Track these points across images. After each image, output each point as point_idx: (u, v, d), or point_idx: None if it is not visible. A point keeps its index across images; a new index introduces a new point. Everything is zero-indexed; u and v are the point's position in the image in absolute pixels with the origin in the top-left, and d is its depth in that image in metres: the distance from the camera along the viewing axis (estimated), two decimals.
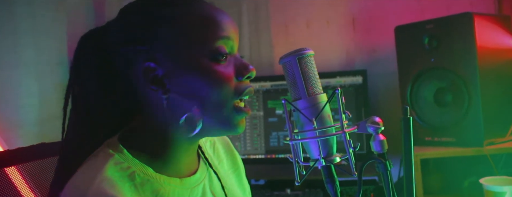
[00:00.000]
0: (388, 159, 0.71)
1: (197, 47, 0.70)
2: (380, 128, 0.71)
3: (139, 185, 0.70)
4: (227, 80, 0.71)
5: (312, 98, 0.69)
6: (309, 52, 0.71)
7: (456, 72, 1.46)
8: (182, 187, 0.75)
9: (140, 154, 0.73)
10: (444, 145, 1.49)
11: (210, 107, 0.71)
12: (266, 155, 1.81)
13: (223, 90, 0.70)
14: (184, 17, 0.71)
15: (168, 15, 0.70)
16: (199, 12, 0.71)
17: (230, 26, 0.73)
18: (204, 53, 0.70)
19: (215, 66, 0.70)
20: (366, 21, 2.00)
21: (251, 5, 2.10)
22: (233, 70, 0.73)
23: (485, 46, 1.45)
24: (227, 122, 0.72)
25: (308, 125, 0.68)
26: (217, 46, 0.70)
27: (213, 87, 0.70)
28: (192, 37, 0.70)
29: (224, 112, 0.71)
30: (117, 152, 0.71)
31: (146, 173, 0.71)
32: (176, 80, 0.70)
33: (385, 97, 1.90)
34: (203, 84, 0.70)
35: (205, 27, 0.70)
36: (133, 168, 0.71)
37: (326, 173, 0.70)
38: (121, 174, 0.69)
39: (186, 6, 0.71)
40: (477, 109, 1.41)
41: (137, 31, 0.71)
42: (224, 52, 0.71)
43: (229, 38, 0.72)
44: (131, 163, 0.71)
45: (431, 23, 1.53)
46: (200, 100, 0.70)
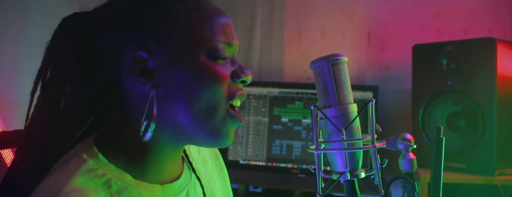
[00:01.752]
0: (416, 180, 0.67)
1: (196, 42, 0.64)
2: (412, 145, 0.67)
3: (116, 194, 0.62)
4: (222, 79, 0.64)
5: (343, 107, 0.65)
6: (343, 58, 0.67)
7: (473, 98, 1.43)
8: (163, 195, 0.68)
9: (117, 159, 0.65)
10: (454, 171, 1.45)
11: (200, 110, 0.64)
12: (267, 163, 1.77)
13: (217, 90, 0.64)
14: (185, 10, 0.65)
15: (169, 5, 0.65)
16: (203, 10, 0.66)
17: (231, 31, 0.68)
18: (202, 49, 0.64)
19: (212, 64, 0.64)
20: (381, 37, 1.97)
21: (266, 8, 2.06)
22: (230, 71, 0.66)
23: (505, 74, 1.42)
24: (217, 130, 0.66)
25: (335, 135, 0.64)
26: (216, 45, 0.65)
27: (206, 85, 0.64)
28: (192, 32, 0.64)
29: (216, 117, 0.65)
30: (92, 157, 0.64)
31: (123, 180, 0.64)
32: (167, 75, 0.63)
33: (395, 115, 1.86)
34: (196, 81, 0.63)
35: (207, 26, 0.65)
36: (109, 175, 0.63)
37: (349, 188, 0.65)
38: (95, 182, 0.61)
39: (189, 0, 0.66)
40: (492, 136, 1.37)
41: (131, 17, 0.65)
42: (222, 54, 0.65)
43: (231, 44, 0.67)
44: (107, 170, 0.63)
45: (451, 45, 1.50)
46: (190, 99, 0.64)
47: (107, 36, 0.65)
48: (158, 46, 0.63)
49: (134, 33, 0.64)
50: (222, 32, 0.66)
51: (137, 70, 0.63)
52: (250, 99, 1.82)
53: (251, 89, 1.83)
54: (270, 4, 2.06)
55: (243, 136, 1.80)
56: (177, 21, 0.64)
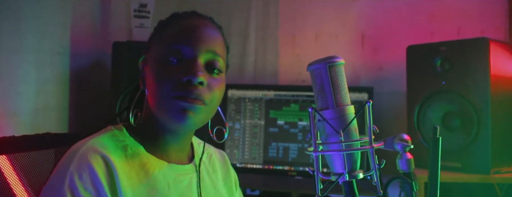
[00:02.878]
0: (414, 179, 0.67)
1: (161, 50, 0.81)
2: (409, 145, 0.68)
3: (130, 156, 0.79)
4: (169, 78, 0.78)
5: (340, 109, 0.65)
6: (340, 61, 0.68)
7: (467, 97, 1.44)
8: (169, 169, 0.83)
9: (136, 135, 0.83)
10: (450, 170, 1.46)
11: (157, 99, 0.80)
12: (263, 165, 1.77)
13: (163, 86, 0.78)
14: (166, 27, 0.84)
15: (160, 26, 0.86)
16: (177, 24, 0.83)
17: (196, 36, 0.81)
18: (164, 55, 0.80)
19: (165, 66, 0.80)
20: (375, 39, 1.98)
21: (260, 12, 2.07)
22: (181, 71, 0.78)
23: (498, 74, 1.43)
24: (167, 110, 0.78)
25: (333, 136, 0.65)
26: (173, 50, 0.80)
27: (157, 82, 0.79)
28: (162, 43, 0.83)
29: (165, 101, 0.78)
30: (118, 130, 0.83)
31: (137, 149, 0.81)
32: (147, 77, 0.83)
33: (390, 116, 1.87)
34: (152, 79, 0.81)
35: (173, 35, 0.82)
36: (127, 142, 0.81)
37: (348, 189, 0.66)
38: (116, 144, 0.79)
39: (173, 19, 0.85)
40: (486, 135, 1.38)
41: (146, 42, 0.89)
42: (176, 55, 0.79)
43: (189, 46, 0.80)
44: (127, 139, 0.82)
45: (444, 46, 1.51)
46: (151, 94, 0.81)
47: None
48: (148, 57, 0.85)
49: (143, 53, 0.87)
50: (183, 36, 0.81)
51: (141, 77, 0.86)
52: (245, 102, 1.83)
53: (246, 92, 1.83)
54: (265, 7, 2.07)
55: (240, 139, 1.80)
56: (159, 37, 0.84)
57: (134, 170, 0.78)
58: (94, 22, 1.95)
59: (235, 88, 1.85)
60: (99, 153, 0.75)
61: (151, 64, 0.83)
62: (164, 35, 0.83)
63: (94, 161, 0.74)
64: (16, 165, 1.07)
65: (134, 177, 0.77)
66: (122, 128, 0.84)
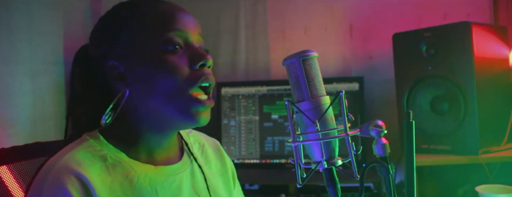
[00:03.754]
0: (390, 163, 0.70)
1: (150, 40, 0.74)
2: (383, 131, 0.70)
3: (110, 166, 0.73)
4: (177, 68, 0.73)
5: (315, 100, 0.68)
6: (313, 54, 0.70)
7: (453, 81, 1.46)
8: (156, 174, 0.77)
9: (115, 141, 0.77)
10: (440, 153, 1.49)
11: (166, 96, 0.73)
12: (260, 160, 1.80)
13: (175, 78, 0.72)
14: (140, 16, 0.76)
15: (127, 15, 0.76)
16: (154, 9, 0.76)
17: (184, 19, 0.76)
18: (156, 46, 0.73)
19: (166, 56, 0.73)
20: (363, 29, 2.01)
21: (249, 9, 2.10)
22: (187, 60, 0.74)
23: (482, 56, 1.45)
24: (184, 112, 0.73)
25: (311, 127, 0.68)
26: (168, 37, 0.73)
27: (165, 76, 0.72)
28: (146, 32, 0.74)
29: (180, 101, 0.73)
30: (93, 138, 0.76)
31: (118, 157, 0.75)
32: (135, 74, 0.75)
33: (381, 104, 1.90)
34: (156, 74, 0.73)
35: (157, 22, 0.75)
36: (105, 151, 0.75)
37: (328, 176, 0.69)
38: (93, 155, 0.73)
39: (143, 6, 0.77)
40: (473, 117, 1.41)
41: (102, 35, 0.78)
42: (175, 42, 0.73)
43: (181, 30, 0.75)
44: (105, 147, 0.75)
45: (429, 31, 1.54)
46: (157, 90, 0.73)
47: (93, 54, 0.80)
48: (124, 52, 0.75)
49: (105, 47, 0.77)
50: (171, 22, 0.74)
51: (113, 76, 0.76)
52: (239, 99, 1.86)
53: (239, 89, 1.86)
54: (253, 4, 2.10)
55: (236, 135, 1.83)
56: (135, 27, 0.75)
57: (116, 181, 0.72)
58: (86, 29, 1.98)
59: (228, 86, 1.88)
60: (74, 173, 0.68)
61: (138, 65, 0.74)
62: (142, 23, 0.75)
63: (68, 184, 0.67)
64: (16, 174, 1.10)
65: (117, 190, 0.72)
66: (98, 136, 0.76)
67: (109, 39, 0.77)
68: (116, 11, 0.78)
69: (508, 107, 1.56)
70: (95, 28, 0.80)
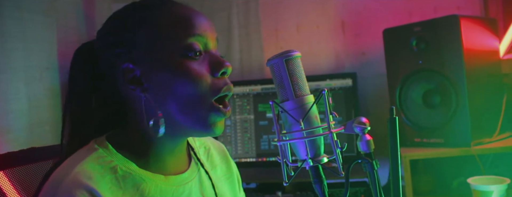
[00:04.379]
0: (375, 159, 0.71)
1: (170, 45, 0.71)
2: (367, 128, 0.71)
3: (121, 178, 0.71)
4: (200, 76, 0.71)
5: (299, 99, 0.69)
6: (295, 54, 0.71)
7: (444, 74, 1.48)
8: (166, 184, 0.76)
9: (124, 150, 0.75)
10: (433, 146, 1.50)
11: (186, 105, 0.71)
12: (257, 158, 1.82)
13: (197, 86, 0.70)
14: (158, 18, 0.73)
15: (143, 18, 0.73)
16: (172, 13, 0.73)
17: (203, 24, 0.74)
18: (176, 51, 0.71)
19: (187, 63, 0.71)
20: (355, 25, 2.02)
21: (242, 9, 2.11)
22: (208, 67, 0.73)
23: (471, 48, 1.47)
24: (202, 121, 0.72)
25: (295, 125, 0.69)
26: (189, 43, 0.71)
27: (187, 84, 0.70)
28: (165, 36, 0.72)
29: (200, 110, 0.72)
30: (102, 147, 0.74)
31: (128, 167, 0.73)
32: (153, 79, 0.72)
33: (374, 99, 1.91)
34: (177, 81, 0.70)
35: (177, 26, 0.72)
36: (115, 162, 0.73)
37: (314, 173, 0.70)
38: (103, 167, 0.71)
39: (159, 8, 0.74)
40: (465, 109, 1.42)
41: (116, 36, 0.74)
42: (197, 49, 0.72)
43: (202, 36, 0.73)
44: (115, 158, 0.73)
45: (418, 26, 1.55)
46: (176, 97, 0.71)
47: (103, 55, 0.76)
48: (141, 55, 0.72)
49: (119, 49, 0.73)
50: (192, 27, 0.72)
51: (128, 79, 0.73)
52: (234, 98, 1.87)
53: (234, 89, 1.88)
54: (245, 4, 2.11)
55: (231, 135, 1.85)
56: (152, 30, 0.72)
57: (128, 194, 0.71)
58: (80, 34, 1.99)
59: None
60: (85, 187, 0.66)
61: (157, 70, 0.71)
62: (161, 26, 0.72)
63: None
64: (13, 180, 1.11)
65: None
66: (107, 144, 0.74)
67: (124, 40, 0.73)
68: (131, 12, 0.75)
69: (499, 98, 1.57)
70: (107, 28, 0.77)
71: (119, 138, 0.77)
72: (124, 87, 0.74)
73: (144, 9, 0.74)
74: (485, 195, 1.18)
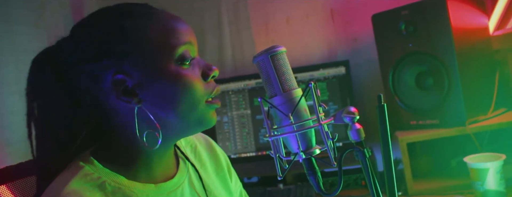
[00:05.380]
0: (366, 147, 0.72)
1: (163, 54, 0.73)
2: (356, 117, 0.72)
3: (111, 194, 0.71)
4: (196, 81, 0.75)
5: (287, 94, 0.70)
6: (280, 50, 0.72)
7: (434, 55, 1.48)
8: (157, 193, 0.76)
9: (111, 164, 0.75)
10: (429, 128, 1.51)
11: (185, 109, 0.74)
12: (256, 152, 1.83)
13: (195, 91, 0.74)
14: (146, 28, 0.73)
15: (129, 27, 0.72)
16: (159, 21, 0.74)
17: (189, 32, 0.77)
18: (170, 60, 0.73)
19: (182, 71, 0.74)
20: (344, 12, 2.01)
21: (230, 6, 2.10)
22: (198, 72, 0.77)
23: (460, 28, 1.47)
24: (202, 119, 0.76)
25: (285, 120, 0.70)
26: (182, 51, 0.74)
27: (185, 90, 0.73)
28: (157, 46, 0.73)
29: (198, 110, 0.75)
30: (87, 164, 0.73)
31: (117, 181, 0.73)
32: (148, 89, 0.73)
33: (369, 85, 1.92)
34: (175, 88, 0.73)
35: (167, 35, 0.74)
36: (103, 177, 0.72)
37: (307, 165, 0.71)
38: (91, 185, 0.70)
39: (145, 17, 0.74)
40: (457, 89, 1.43)
41: (101, 46, 0.72)
42: (189, 57, 0.75)
43: (191, 43, 0.76)
44: (102, 173, 0.73)
45: (406, 9, 1.55)
46: (174, 103, 0.73)
47: (82, 68, 0.73)
48: (132, 66, 0.71)
49: (107, 61, 0.71)
50: (181, 35, 0.74)
51: (119, 91, 0.72)
52: (229, 94, 1.88)
53: (228, 85, 1.88)
54: (234, 0, 2.11)
55: (230, 131, 1.86)
56: (141, 40, 0.72)
57: None
58: None
59: (217, 83, 1.89)
60: None
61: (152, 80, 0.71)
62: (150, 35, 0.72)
63: None
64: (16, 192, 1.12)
65: None
66: (92, 160, 0.73)
67: (112, 51, 0.71)
68: (115, 21, 0.72)
69: (492, 75, 1.57)
70: (87, 39, 0.73)
71: (104, 152, 0.76)
72: (113, 100, 0.72)
73: (128, 18, 0.72)
74: (482, 173, 1.19)
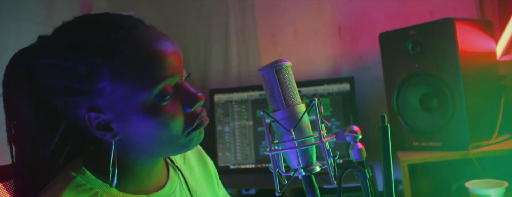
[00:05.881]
0: (367, 167, 0.72)
1: (141, 90, 0.66)
2: (358, 136, 0.71)
3: None
4: (175, 116, 0.69)
5: (290, 109, 0.69)
6: (286, 64, 0.71)
7: (440, 77, 1.47)
8: None
9: (103, 175, 0.72)
10: (431, 150, 1.50)
11: (163, 142, 0.71)
12: (256, 164, 1.82)
13: (173, 128, 0.69)
14: (125, 60, 0.65)
15: (106, 59, 0.64)
16: (140, 48, 0.66)
17: (174, 60, 0.69)
18: (148, 96, 0.67)
19: (161, 107, 0.68)
20: (352, 29, 2.02)
21: (239, 15, 2.11)
22: (179, 102, 0.71)
23: (467, 51, 1.46)
24: (183, 146, 0.73)
25: (287, 135, 0.69)
26: (161, 88, 0.67)
27: (162, 127, 0.68)
28: (136, 80, 0.65)
29: (178, 142, 0.72)
30: (79, 174, 0.71)
31: (109, 193, 0.71)
32: (123, 125, 0.68)
33: (372, 103, 1.91)
34: (152, 125, 0.68)
35: (148, 67, 0.66)
36: (95, 189, 0.70)
37: (307, 182, 0.70)
38: (83, 196, 0.68)
39: (127, 39, 0.65)
40: (462, 112, 1.42)
41: (72, 82, 0.65)
42: (169, 92, 0.68)
43: (174, 76, 0.69)
44: (94, 184, 0.71)
45: (413, 29, 1.55)
46: (152, 137, 0.69)
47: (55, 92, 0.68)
48: (107, 103, 0.66)
49: (79, 97, 0.66)
50: (164, 66, 0.67)
51: (93, 126, 0.68)
52: (232, 105, 1.88)
53: (232, 95, 1.88)
54: (242, 10, 2.11)
55: (231, 141, 1.85)
56: (118, 73, 0.65)
57: None
58: None
59: (220, 92, 1.90)
60: None
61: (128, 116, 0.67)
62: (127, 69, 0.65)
63: None
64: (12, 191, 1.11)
65: None
66: (84, 170, 0.71)
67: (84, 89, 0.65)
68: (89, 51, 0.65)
69: (497, 100, 1.56)
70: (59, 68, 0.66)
71: (95, 161, 0.74)
72: (90, 129, 0.69)
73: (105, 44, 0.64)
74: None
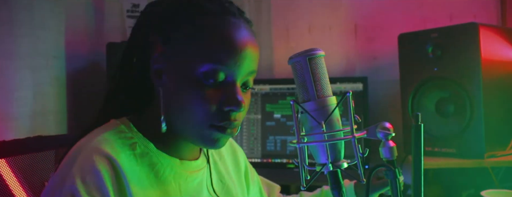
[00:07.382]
0: (397, 166, 0.69)
1: (195, 59, 0.70)
2: (391, 134, 0.69)
3: (139, 156, 0.73)
4: (205, 102, 0.70)
5: (321, 100, 0.66)
6: (319, 53, 0.69)
7: (459, 83, 1.44)
8: (181, 168, 0.78)
9: (145, 130, 0.76)
10: (444, 156, 1.47)
11: (187, 121, 0.72)
12: (262, 159, 1.79)
13: (198, 111, 0.70)
14: (203, 27, 0.71)
15: (187, 17, 0.72)
16: (219, 28, 0.71)
17: (241, 59, 0.71)
18: (199, 68, 0.70)
19: (200, 84, 0.70)
20: (368, 28, 1.99)
21: (253, 8, 2.08)
22: (220, 96, 0.71)
23: (489, 58, 1.43)
24: (201, 138, 0.73)
25: (316, 128, 0.66)
26: (211, 68, 0.69)
27: (190, 103, 0.70)
28: (196, 50, 0.70)
29: (198, 129, 0.72)
30: (123, 124, 0.76)
31: (147, 146, 0.75)
32: (169, 80, 0.73)
33: (385, 105, 1.88)
34: (184, 96, 0.71)
35: (215, 46, 0.70)
36: (135, 139, 0.74)
37: (332, 179, 0.67)
38: (123, 142, 0.73)
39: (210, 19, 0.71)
40: (479, 120, 1.39)
41: (159, 19, 0.74)
42: (212, 77, 0.70)
43: (231, 69, 0.71)
44: (135, 135, 0.75)
45: (435, 32, 1.52)
46: (179, 108, 0.72)
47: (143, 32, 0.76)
48: (171, 52, 0.72)
49: (158, 35, 0.73)
50: (224, 54, 0.70)
51: (153, 69, 0.74)
52: None
53: None
54: (257, 2, 2.08)
55: (237, 134, 1.82)
56: (190, 35, 0.71)
57: (143, 171, 0.72)
58: (88, 24, 1.97)
59: None
60: (105, 154, 0.68)
61: (175, 75, 0.72)
62: (197, 42, 0.70)
63: (99, 164, 0.66)
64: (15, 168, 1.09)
65: (144, 179, 0.72)
66: (129, 123, 0.76)
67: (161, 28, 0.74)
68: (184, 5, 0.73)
69: None
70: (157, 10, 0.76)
71: (140, 120, 0.78)
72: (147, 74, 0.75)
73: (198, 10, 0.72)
74: None
